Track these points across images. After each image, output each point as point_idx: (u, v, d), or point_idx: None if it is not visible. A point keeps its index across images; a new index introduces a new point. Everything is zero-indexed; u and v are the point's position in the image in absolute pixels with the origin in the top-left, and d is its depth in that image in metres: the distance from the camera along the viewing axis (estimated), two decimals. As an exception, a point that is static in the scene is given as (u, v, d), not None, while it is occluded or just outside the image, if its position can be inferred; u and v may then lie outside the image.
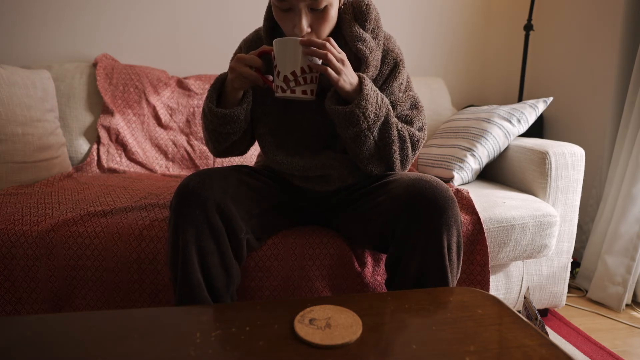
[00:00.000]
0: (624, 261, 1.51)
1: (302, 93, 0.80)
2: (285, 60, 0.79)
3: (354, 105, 0.82)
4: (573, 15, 1.91)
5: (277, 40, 0.80)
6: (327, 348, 0.53)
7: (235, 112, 0.88)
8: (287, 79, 0.80)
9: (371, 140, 0.87)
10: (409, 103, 0.96)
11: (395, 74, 0.94)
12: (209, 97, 0.89)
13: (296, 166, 0.96)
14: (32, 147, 1.34)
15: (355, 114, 0.83)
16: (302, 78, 0.79)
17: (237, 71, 0.82)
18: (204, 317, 0.61)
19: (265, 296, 1.00)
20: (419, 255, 0.81)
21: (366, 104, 0.82)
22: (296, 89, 0.80)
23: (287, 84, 0.80)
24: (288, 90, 0.80)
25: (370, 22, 0.91)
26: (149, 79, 1.68)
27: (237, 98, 0.89)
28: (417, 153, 0.95)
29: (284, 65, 0.79)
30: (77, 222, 0.98)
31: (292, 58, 0.79)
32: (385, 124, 0.87)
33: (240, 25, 1.91)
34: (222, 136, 0.93)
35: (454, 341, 0.55)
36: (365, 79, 0.84)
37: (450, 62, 2.20)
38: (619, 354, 1.24)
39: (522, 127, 1.47)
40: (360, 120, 0.83)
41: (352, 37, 0.89)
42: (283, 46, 0.79)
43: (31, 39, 1.73)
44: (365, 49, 0.89)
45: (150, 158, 1.61)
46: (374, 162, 0.91)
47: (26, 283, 0.95)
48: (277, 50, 0.80)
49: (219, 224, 0.81)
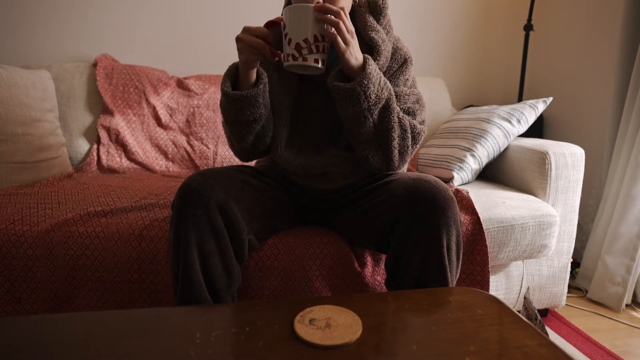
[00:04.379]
0: (624, 261, 1.51)
1: (314, 61, 0.79)
2: (298, 27, 0.78)
3: (355, 83, 0.82)
4: (573, 15, 1.91)
5: (288, 8, 0.79)
6: (327, 348, 0.53)
7: (251, 92, 0.86)
8: (300, 46, 0.78)
9: (370, 122, 0.86)
10: (413, 98, 0.96)
11: (403, 69, 0.96)
12: (223, 82, 0.88)
13: (300, 164, 0.95)
14: (32, 147, 1.34)
15: (357, 92, 0.82)
16: (314, 46, 0.78)
17: (244, 41, 0.80)
18: (204, 317, 0.61)
19: (265, 296, 1.00)
20: (419, 255, 0.81)
21: (368, 82, 0.82)
22: (308, 57, 0.78)
23: (299, 51, 0.78)
24: (300, 58, 0.78)
25: (385, 17, 0.93)
26: (149, 79, 1.68)
27: (252, 79, 0.87)
28: (417, 147, 0.94)
29: (296, 32, 0.78)
30: (77, 222, 0.98)
31: (304, 25, 0.77)
32: (385, 108, 0.86)
33: (240, 25, 1.91)
34: (244, 126, 0.90)
35: (454, 341, 0.55)
36: (369, 59, 0.83)
37: (450, 62, 2.20)
38: (619, 354, 1.24)
39: (522, 127, 1.47)
40: (360, 99, 0.83)
41: (366, 26, 0.91)
42: (296, 13, 0.78)
43: (31, 39, 1.73)
44: (378, 38, 0.91)
45: (150, 158, 1.61)
46: (372, 148, 0.89)
47: (26, 283, 0.95)
48: (290, 17, 0.79)
49: (221, 224, 0.80)
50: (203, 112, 1.68)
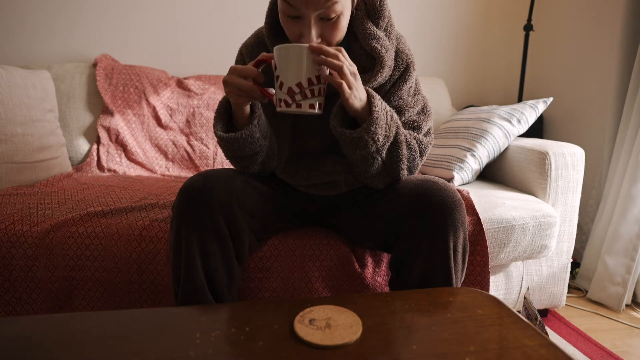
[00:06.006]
0: (624, 261, 1.51)
1: (309, 107, 0.71)
2: (290, 70, 0.69)
3: (362, 130, 0.76)
4: (573, 15, 1.91)
5: (279, 47, 0.70)
6: (327, 348, 0.53)
7: (246, 132, 0.81)
8: (292, 91, 0.70)
9: (379, 160, 0.82)
10: (418, 107, 0.91)
11: (406, 77, 0.90)
12: (215, 125, 0.84)
13: (303, 175, 0.94)
14: (32, 147, 1.34)
15: (364, 139, 0.77)
16: (309, 90, 0.70)
17: (230, 84, 0.74)
18: (203, 317, 0.60)
19: (265, 297, 1.00)
20: (424, 255, 0.80)
21: (376, 128, 0.76)
22: (302, 103, 0.70)
23: (292, 96, 0.70)
24: (293, 105, 0.71)
25: (384, 19, 0.85)
26: (149, 79, 1.68)
27: (245, 114, 0.82)
28: (424, 159, 0.91)
29: (287, 76, 0.70)
30: (76, 222, 0.98)
31: (297, 67, 0.69)
32: (394, 144, 0.82)
33: (240, 24, 1.91)
34: (246, 160, 0.87)
35: (454, 341, 0.55)
36: (374, 98, 0.77)
37: (450, 62, 2.20)
38: (618, 354, 1.24)
39: (522, 127, 1.47)
40: (368, 145, 0.78)
41: (365, 34, 0.84)
42: (287, 53, 0.69)
43: (31, 39, 1.73)
44: (381, 48, 0.84)
45: (150, 158, 1.61)
46: (380, 179, 0.87)
47: (26, 283, 0.95)
48: (280, 58, 0.70)
49: (223, 226, 0.79)
50: (203, 112, 1.68)
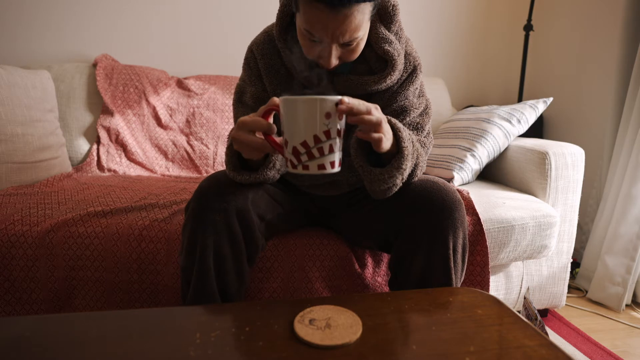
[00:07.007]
0: (624, 261, 1.51)
1: (317, 168, 0.60)
2: (294, 127, 0.59)
3: (393, 168, 0.75)
4: (573, 15, 1.91)
5: (284, 100, 0.60)
6: (327, 348, 0.53)
7: (262, 175, 0.79)
8: (297, 152, 0.60)
9: (399, 186, 0.81)
10: (421, 108, 0.92)
11: (413, 78, 0.90)
12: (227, 169, 0.80)
13: (305, 176, 0.94)
14: (32, 147, 1.34)
15: (394, 175, 0.76)
16: (316, 149, 0.59)
17: (239, 141, 0.69)
18: (203, 317, 0.60)
19: (266, 297, 1.00)
20: (424, 255, 0.81)
21: (405, 163, 0.75)
22: (309, 164, 0.60)
23: (297, 157, 0.60)
24: (299, 166, 0.61)
25: (396, 23, 0.85)
26: (149, 79, 1.68)
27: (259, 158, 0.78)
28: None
29: (291, 133, 0.60)
30: (77, 222, 0.98)
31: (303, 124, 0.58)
32: (414, 168, 0.81)
33: (240, 25, 1.91)
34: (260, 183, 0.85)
35: (454, 341, 0.55)
36: (402, 132, 0.74)
37: (450, 62, 2.20)
38: (618, 354, 1.24)
39: (522, 127, 1.47)
40: (396, 179, 0.77)
41: (378, 38, 0.83)
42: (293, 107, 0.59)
43: (31, 39, 1.73)
44: (394, 51, 0.84)
45: (150, 158, 1.61)
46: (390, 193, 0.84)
47: (26, 283, 0.95)
48: (285, 112, 0.60)
49: (238, 230, 0.79)
50: (203, 112, 1.68)
